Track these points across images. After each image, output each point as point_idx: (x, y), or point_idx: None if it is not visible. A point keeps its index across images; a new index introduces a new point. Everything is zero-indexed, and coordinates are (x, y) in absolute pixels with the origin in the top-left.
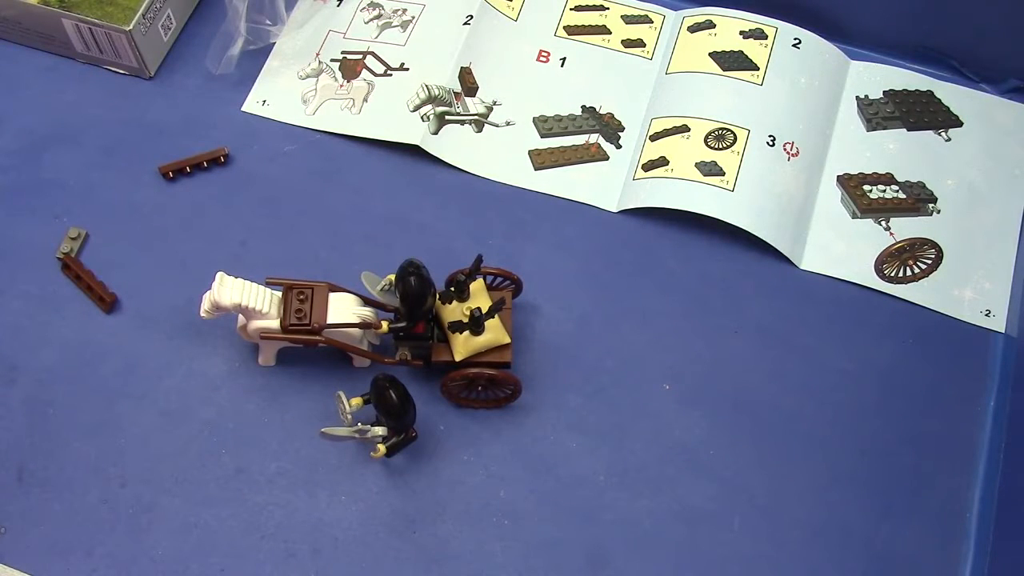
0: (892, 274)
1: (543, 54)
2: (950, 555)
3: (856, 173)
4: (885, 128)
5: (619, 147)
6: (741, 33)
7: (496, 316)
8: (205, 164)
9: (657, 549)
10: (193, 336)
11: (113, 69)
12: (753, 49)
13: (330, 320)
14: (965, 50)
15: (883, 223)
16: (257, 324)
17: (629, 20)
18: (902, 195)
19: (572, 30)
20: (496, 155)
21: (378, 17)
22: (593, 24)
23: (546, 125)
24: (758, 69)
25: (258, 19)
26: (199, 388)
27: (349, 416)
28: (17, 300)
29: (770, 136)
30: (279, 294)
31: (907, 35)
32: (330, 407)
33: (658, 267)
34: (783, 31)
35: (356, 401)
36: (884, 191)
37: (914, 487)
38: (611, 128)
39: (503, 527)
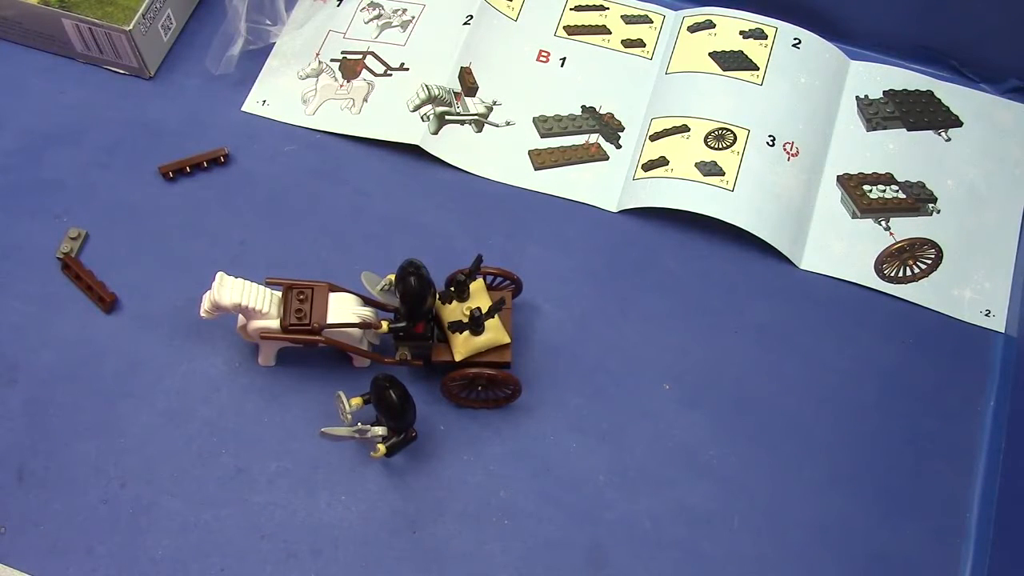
0: (892, 274)
1: (543, 54)
2: (950, 555)
3: (856, 173)
4: (885, 128)
5: (619, 147)
6: (741, 33)
7: (496, 316)
8: (205, 164)
9: (657, 549)
10: (193, 336)
11: (113, 69)
12: (753, 49)
13: (330, 320)
14: (965, 50)
15: (883, 223)
16: (257, 324)
17: (629, 20)
18: (902, 195)
19: (572, 30)
20: (496, 155)
21: (378, 17)
22: (593, 24)
23: (546, 125)
24: (758, 69)
25: (258, 19)
26: (199, 388)
27: (349, 416)
28: (17, 300)
29: (770, 136)
30: (279, 294)
31: (907, 35)
32: (330, 407)
33: (658, 267)
34: (783, 31)
35: (356, 401)
36: (884, 191)
37: (914, 487)
38: (611, 128)
39: (503, 527)
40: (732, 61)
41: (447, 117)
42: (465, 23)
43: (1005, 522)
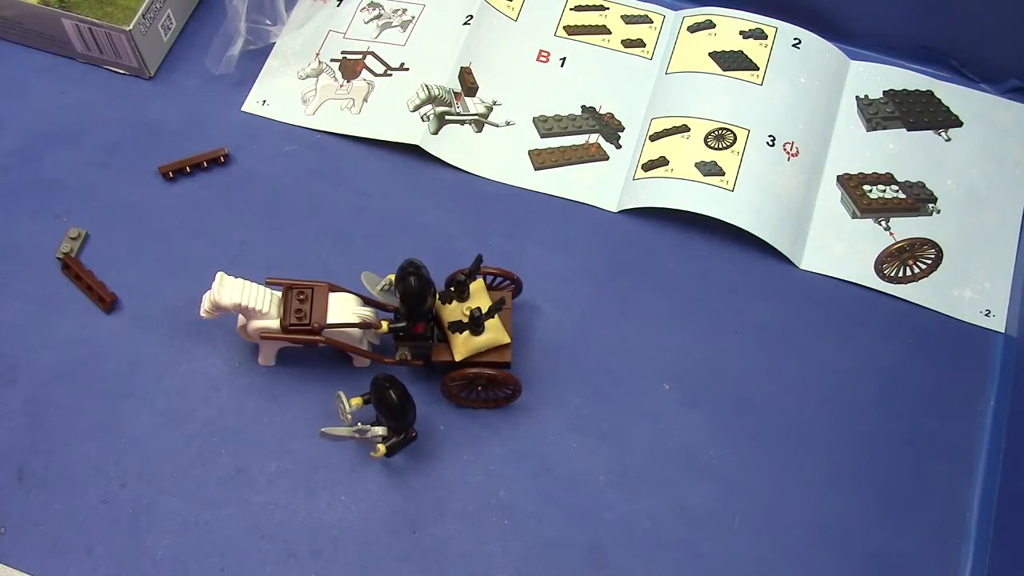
0: (892, 274)
1: (543, 54)
2: (950, 555)
3: (856, 173)
4: (885, 128)
5: (619, 147)
6: (741, 33)
7: (496, 316)
8: (205, 164)
9: (657, 549)
10: (193, 336)
11: (113, 69)
12: (753, 49)
13: (330, 320)
14: (965, 50)
15: (883, 223)
16: (257, 324)
17: (629, 20)
18: (902, 195)
19: (572, 30)
20: (496, 155)
21: (378, 17)
22: (593, 24)
23: (546, 125)
24: (758, 69)
25: (258, 19)
26: (199, 388)
27: (349, 416)
28: (17, 300)
29: (770, 136)
30: (279, 294)
31: (907, 35)
32: (330, 407)
33: (658, 267)
34: (783, 31)
35: (356, 401)
36: (884, 191)
37: (914, 487)
38: (611, 128)
39: (503, 527)
40: (732, 61)
41: (447, 117)
42: (465, 23)
43: (1005, 522)
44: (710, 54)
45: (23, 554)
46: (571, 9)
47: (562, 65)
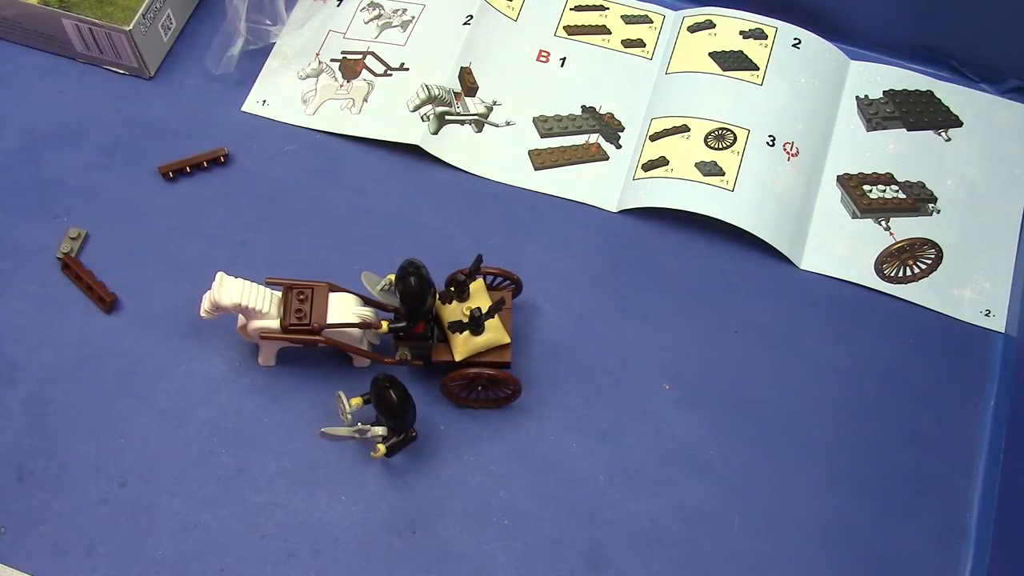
0: (892, 274)
1: (543, 54)
2: (950, 555)
3: (856, 173)
4: (885, 128)
5: (619, 147)
6: (741, 33)
7: (496, 316)
8: (205, 164)
9: (657, 549)
10: (193, 336)
11: (113, 69)
12: (753, 49)
13: (330, 320)
14: (965, 50)
15: (883, 223)
16: (257, 324)
17: (629, 20)
18: (902, 195)
19: (572, 30)
20: (496, 155)
21: (378, 17)
22: (593, 24)
23: (546, 125)
24: (758, 69)
25: (258, 19)
26: (199, 388)
27: (349, 416)
28: (17, 300)
29: (770, 136)
30: (279, 294)
31: (907, 35)
32: (330, 407)
33: (658, 267)
34: (783, 31)
35: (356, 401)
36: (884, 191)
37: (914, 487)
38: (611, 128)
39: (503, 527)
40: (732, 61)
41: (447, 117)
42: (465, 23)
43: (1005, 522)
44: (710, 54)
45: (23, 554)
46: (571, 9)
47: (562, 65)
